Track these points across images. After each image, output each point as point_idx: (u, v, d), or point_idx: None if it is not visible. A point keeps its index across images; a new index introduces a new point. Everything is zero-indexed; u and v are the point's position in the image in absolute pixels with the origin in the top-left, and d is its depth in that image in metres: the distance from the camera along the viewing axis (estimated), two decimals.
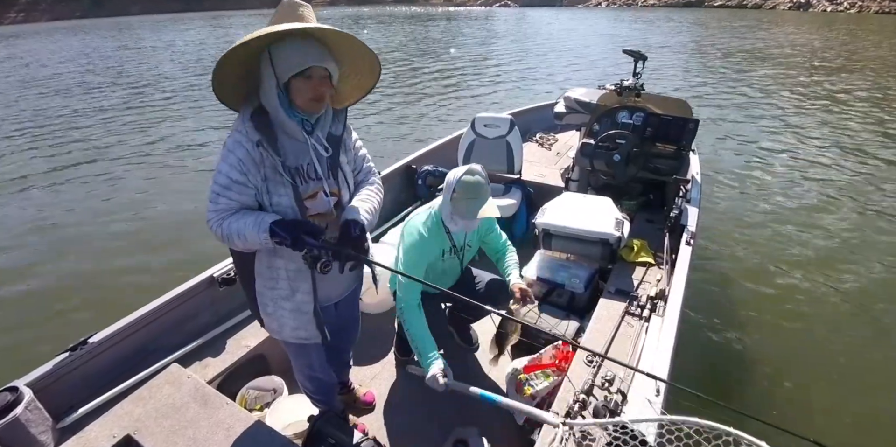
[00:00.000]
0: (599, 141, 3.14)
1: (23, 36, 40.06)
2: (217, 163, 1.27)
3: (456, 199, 1.85)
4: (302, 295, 1.43)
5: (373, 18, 46.33)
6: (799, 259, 4.08)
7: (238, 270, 1.53)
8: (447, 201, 1.90)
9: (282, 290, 1.43)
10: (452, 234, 2.02)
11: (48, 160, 7.42)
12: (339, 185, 1.42)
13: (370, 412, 2.12)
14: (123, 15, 71.82)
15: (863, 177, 5.76)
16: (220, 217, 1.27)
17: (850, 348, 3.08)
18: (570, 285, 2.49)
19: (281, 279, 1.42)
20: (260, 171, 1.27)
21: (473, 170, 1.88)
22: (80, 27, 49.51)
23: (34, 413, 1.58)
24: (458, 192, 1.84)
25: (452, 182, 1.86)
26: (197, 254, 4.26)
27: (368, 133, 8.14)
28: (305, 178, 1.34)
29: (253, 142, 1.24)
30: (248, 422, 1.66)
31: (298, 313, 1.46)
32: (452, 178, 1.88)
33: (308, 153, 1.34)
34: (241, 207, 1.29)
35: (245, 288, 1.52)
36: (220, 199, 1.26)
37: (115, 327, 1.92)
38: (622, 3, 53.42)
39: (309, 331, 1.50)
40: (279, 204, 1.31)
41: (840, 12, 37.03)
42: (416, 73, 14.09)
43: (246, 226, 1.24)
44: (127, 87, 13.34)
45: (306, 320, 1.47)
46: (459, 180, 1.84)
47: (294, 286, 1.42)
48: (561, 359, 1.99)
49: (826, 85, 10.93)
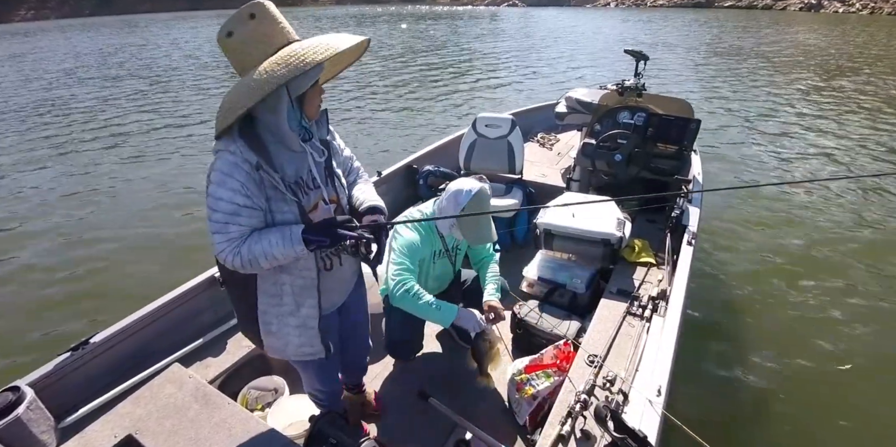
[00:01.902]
0: (601, 141, 3.13)
1: (33, 33, 40.16)
2: (209, 188, 1.18)
3: (463, 219, 1.88)
4: (307, 309, 1.41)
5: (377, 17, 46.37)
6: (801, 258, 4.08)
7: (235, 293, 1.46)
8: (450, 214, 1.90)
9: (287, 306, 1.40)
10: (445, 237, 2.05)
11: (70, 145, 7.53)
12: (337, 190, 1.41)
13: (377, 418, 2.09)
14: (131, 13, 72.04)
15: (869, 178, 5.74)
16: (235, 246, 1.20)
17: (849, 347, 3.07)
18: (572, 285, 2.49)
19: (286, 295, 1.38)
20: (262, 192, 1.21)
21: (483, 194, 1.89)
22: (90, 25, 49.63)
23: (36, 413, 1.58)
24: (467, 211, 1.87)
25: (462, 200, 1.86)
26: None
27: (369, 132, 8.14)
28: (306, 189, 1.32)
29: (251, 163, 1.16)
30: (249, 421, 1.66)
31: (304, 329, 1.43)
32: (463, 195, 1.87)
33: (305, 162, 1.31)
34: (252, 231, 1.24)
35: (242, 310, 1.47)
36: (229, 227, 1.19)
37: (116, 327, 1.93)
38: (631, 3, 53.16)
39: (315, 347, 1.47)
40: (283, 221, 1.26)
41: (852, 13, 36.55)
42: (417, 73, 14.09)
43: (272, 245, 1.19)
44: (151, 82, 13.40)
45: (312, 335, 1.44)
46: (470, 201, 1.86)
47: (299, 301, 1.39)
48: (562, 360, 1.98)
49: (832, 86, 10.90)
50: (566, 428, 1.55)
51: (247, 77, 1.13)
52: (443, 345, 2.53)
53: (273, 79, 1.09)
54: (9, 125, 9.52)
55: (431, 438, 1.98)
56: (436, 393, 2.13)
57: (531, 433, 1.90)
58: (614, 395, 1.66)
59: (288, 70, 1.09)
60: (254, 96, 1.10)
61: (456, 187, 1.91)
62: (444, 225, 1.96)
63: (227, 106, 1.14)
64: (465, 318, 1.85)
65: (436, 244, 2.06)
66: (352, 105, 10.16)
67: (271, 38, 1.15)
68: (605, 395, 1.67)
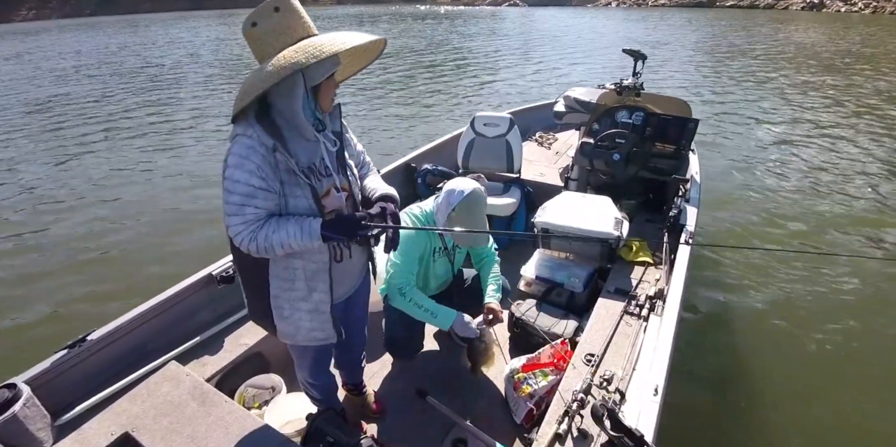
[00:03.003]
0: (599, 140, 3.14)
1: (34, 33, 39.98)
2: (226, 172, 1.21)
3: (454, 219, 1.87)
4: (319, 294, 1.42)
5: (376, 17, 46.29)
6: (800, 258, 4.08)
7: (247, 278, 1.47)
8: (445, 214, 1.90)
9: (299, 291, 1.41)
10: (444, 236, 2.06)
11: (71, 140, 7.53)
12: (349, 180, 1.43)
13: (377, 421, 2.08)
14: (133, 12, 71.69)
15: (869, 176, 5.75)
16: (251, 230, 1.22)
17: (848, 346, 3.08)
18: (570, 284, 2.50)
19: (298, 280, 1.39)
20: (277, 176, 1.24)
21: (476, 196, 1.87)
22: (91, 24, 49.37)
23: (32, 410, 1.58)
24: (456, 213, 1.86)
25: (453, 200, 1.85)
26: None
27: (368, 131, 8.13)
28: (319, 176, 1.34)
29: (268, 147, 1.20)
30: (246, 419, 1.66)
31: (316, 313, 1.44)
32: (455, 195, 1.86)
33: (318, 151, 1.34)
34: (269, 215, 1.26)
35: (255, 296, 1.47)
36: (246, 209, 1.21)
37: (113, 324, 1.92)
38: (632, 3, 53.03)
39: (326, 332, 1.49)
40: (296, 206, 1.29)
41: (854, 12, 36.23)
42: (416, 72, 14.08)
43: (290, 236, 1.22)
44: (156, 80, 13.38)
45: (324, 320, 1.46)
46: (461, 202, 1.84)
47: (311, 285, 1.40)
48: (559, 358, 1.99)
49: (832, 85, 10.90)
50: (563, 426, 1.55)
51: (265, 63, 1.17)
52: (441, 344, 2.53)
53: (290, 64, 1.13)
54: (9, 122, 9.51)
55: (429, 437, 1.98)
56: (434, 391, 2.14)
57: (528, 432, 1.91)
58: (611, 394, 1.67)
59: (305, 57, 1.13)
60: (270, 79, 1.13)
61: (450, 187, 1.90)
62: (441, 225, 1.95)
63: (244, 89, 1.19)
64: (461, 326, 1.91)
65: (435, 242, 2.06)
66: (351, 104, 10.14)
67: (293, 31, 1.20)
68: (602, 394, 1.68)
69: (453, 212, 1.86)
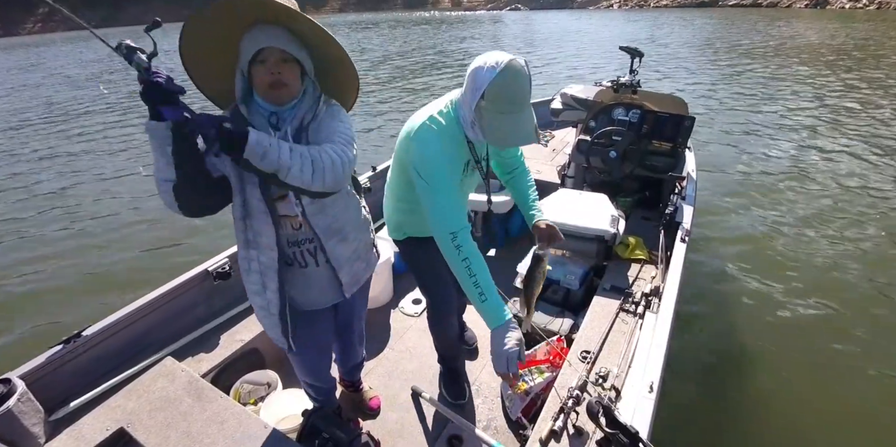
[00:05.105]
0: (595, 138, 3.14)
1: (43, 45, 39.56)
2: None
3: (485, 108, 1.30)
4: (271, 293, 1.34)
5: (378, 24, 46.01)
6: (795, 255, 4.10)
7: None
8: (470, 106, 1.33)
9: (254, 285, 1.36)
10: (474, 144, 1.52)
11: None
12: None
13: (374, 418, 2.07)
14: (138, 24, 70.98)
15: (865, 173, 5.78)
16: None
17: (846, 343, 3.10)
18: (565, 282, 2.50)
19: (253, 271, 1.34)
20: (235, 167, 1.19)
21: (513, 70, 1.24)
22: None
23: (27, 405, 1.57)
24: (488, 101, 1.28)
25: (481, 81, 1.26)
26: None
27: (365, 129, 8.11)
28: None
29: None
30: (241, 415, 1.66)
31: (266, 313, 1.38)
32: (483, 73, 1.26)
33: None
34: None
35: None
36: None
37: (108, 320, 1.92)
38: (634, 5, 52.99)
39: (275, 335, 1.42)
40: (250, 204, 1.25)
41: (859, 9, 35.71)
42: (415, 71, 14.04)
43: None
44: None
45: (272, 323, 1.38)
46: (493, 82, 1.24)
47: (265, 282, 1.34)
48: (555, 356, 2.00)
49: (832, 84, 10.91)
50: (559, 423, 1.56)
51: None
52: None
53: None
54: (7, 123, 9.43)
55: (425, 434, 1.98)
56: (430, 388, 2.14)
57: (524, 428, 1.91)
58: (607, 391, 1.68)
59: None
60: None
61: (476, 64, 1.29)
62: (468, 126, 1.41)
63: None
64: (499, 357, 1.29)
65: (465, 154, 1.51)
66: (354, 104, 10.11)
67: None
68: (598, 391, 1.68)
69: (482, 100, 1.29)
